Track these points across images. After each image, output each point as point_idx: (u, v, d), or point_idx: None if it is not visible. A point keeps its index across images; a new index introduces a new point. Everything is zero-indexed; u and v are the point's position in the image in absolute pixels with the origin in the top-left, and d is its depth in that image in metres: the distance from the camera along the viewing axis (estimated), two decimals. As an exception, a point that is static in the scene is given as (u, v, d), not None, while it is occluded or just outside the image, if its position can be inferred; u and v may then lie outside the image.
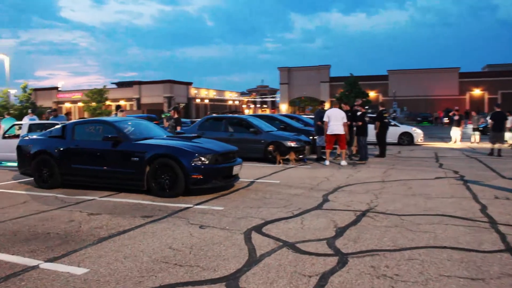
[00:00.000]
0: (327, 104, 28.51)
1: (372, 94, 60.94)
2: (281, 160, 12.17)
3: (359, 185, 8.67)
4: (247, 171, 10.13)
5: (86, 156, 8.38)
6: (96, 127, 8.79)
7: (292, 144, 12.50)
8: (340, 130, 11.99)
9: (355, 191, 7.99)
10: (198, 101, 74.52)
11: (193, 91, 73.09)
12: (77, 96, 70.01)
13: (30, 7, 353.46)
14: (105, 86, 60.74)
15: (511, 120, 18.32)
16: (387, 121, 14.83)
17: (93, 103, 57.83)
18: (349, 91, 52.75)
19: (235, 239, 4.97)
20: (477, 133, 20.90)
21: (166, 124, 13.54)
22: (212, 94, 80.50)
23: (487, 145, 16.18)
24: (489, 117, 17.13)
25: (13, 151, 9.81)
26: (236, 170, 8.33)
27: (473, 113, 22.60)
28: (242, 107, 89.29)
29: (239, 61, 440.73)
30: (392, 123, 18.68)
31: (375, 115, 15.90)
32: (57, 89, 74.26)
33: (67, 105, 71.33)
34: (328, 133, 12.10)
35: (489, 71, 68.53)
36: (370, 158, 13.46)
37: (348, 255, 4.36)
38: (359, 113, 13.29)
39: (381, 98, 58.98)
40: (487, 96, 62.32)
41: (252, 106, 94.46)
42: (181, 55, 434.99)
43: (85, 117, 53.41)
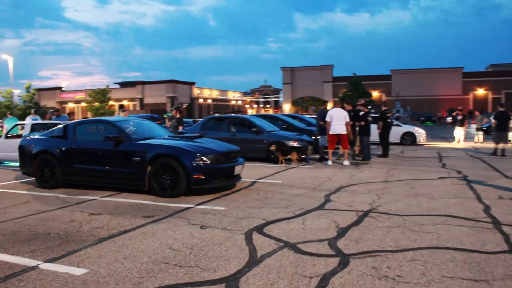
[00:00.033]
0: (329, 104, 28.48)
1: (375, 94, 60.95)
2: (283, 160, 12.13)
3: (361, 185, 8.62)
4: (249, 171, 10.10)
5: (87, 156, 8.37)
6: (97, 127, 8.77)
7: (294, 144, 12.45)
8: (342, 130, 11.94)
9: (358, 191, 7.94)
10: (201, 101, 74.61)
11: (196, 91, 73.19)
12: (80, 96, 70.25)
13: (34, 8, 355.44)
14: (108, 86, 60.90)
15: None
16: (389, 121, 14.77)
17: (96, 103, 58.00)
18: (352, 91, 52.77)
19: (236, 239, 4.94)
20: (480, 133, 20.82)
21: (168, 124, 13.52)
22: (215, 94, 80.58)
23: (491, 145, 16.10)
24: (492, 117, 17.04)
25: (15, 151, 9.80)
26: (238, 170, 8.30)
27: (477, 113, 22.54)
28: (245, 107, 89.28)
29: (242, 61, 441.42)
30: (394, 123, 18.61)
31: (377, 115, 15.83)
32: (60, 89, 74.54)
33: (71, 105, 71.63)
34: (330, 133, 12.05)
35: (492, 71, 68.33)
36: (373, 158, 13.40)
37: (349, 256, 4.32)
38: (361, 112, 13.24)
39: (384, 98, 58.88)
40: (490, 95, 62.15)
41: (255, 106, 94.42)
42: (184, 55, 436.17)
43: (88, 117, 53.52)
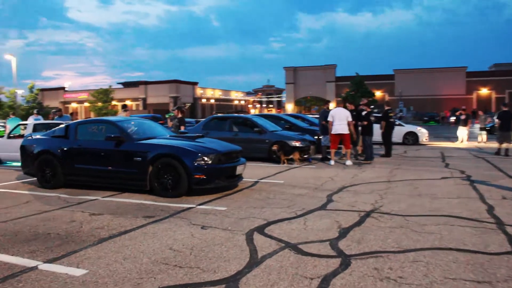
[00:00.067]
0: (332, 103, 28.41)
1: (378, 93, 60.78)
2: (285, 160, 12.08)
3: (364, 185, 8.57)
4: (251, 171, 10.06)
5: (89, 156, 8.35)
6: (99, 126, 8.76)
7: (296, 143, 12.40)
8: (344, 129, 11.89)
9: (360, 191, 7.89)
10: (204, 101, 74.66)
11: (199, 91, 73.26)
12: (83, 96, 70.46)
13: (37, 8, 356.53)
14: (110, 86, 61.05)
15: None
16: (392, 120, 14.70)
17: (99, 103, 58.13)
18: (355, 90, 52.65)
19: (237, 240, 4.90)
20: (484, 132, 20.70)
21: (170, 123, 13.50)
22: (218, 94, 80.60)
23: (494, 144, 15.99)
24: (496, 117, 16.93)
25: (18, 151, 9.81)
26: (239, 170, 8.26)
27: (480, 113, 22.40)
28: (248, 107, 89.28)
29: (245, 61, 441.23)
30: (396, 123, 18.53)
31: (380, 115, 15.76)
32: (63, 89, 74.77)
33: (74, 105, 71.82)
34: (332, 132, 12.00)
35: (496, 70, 68.07)
36: (375, 158, 13.34)
37: (351, 256, 4.28)
38: (364, 112, 13.18)
39: (387, 97, 58.75)
40: (494, 95, 61.92)
41: (258, 106, 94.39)
42: (187, 55, 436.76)
43: (91, 117, 53.62)
